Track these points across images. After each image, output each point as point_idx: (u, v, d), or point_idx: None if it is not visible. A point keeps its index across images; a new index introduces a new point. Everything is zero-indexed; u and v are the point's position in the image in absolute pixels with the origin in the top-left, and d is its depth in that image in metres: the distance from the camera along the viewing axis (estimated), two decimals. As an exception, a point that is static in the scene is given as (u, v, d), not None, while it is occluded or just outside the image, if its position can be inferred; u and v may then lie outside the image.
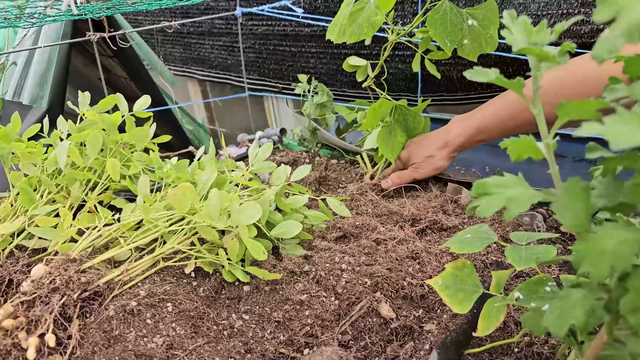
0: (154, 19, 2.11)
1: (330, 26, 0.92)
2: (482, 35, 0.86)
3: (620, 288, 0.33)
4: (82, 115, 0.86)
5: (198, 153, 0.90)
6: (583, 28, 1.05)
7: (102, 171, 0.82)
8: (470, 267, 0.52)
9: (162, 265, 0.68)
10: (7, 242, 0.71)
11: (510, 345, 0.58)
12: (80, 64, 1.68)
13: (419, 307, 0.66)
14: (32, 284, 0.57)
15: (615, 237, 0.30)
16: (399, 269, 0.70)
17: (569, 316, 0.35)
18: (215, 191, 0.65)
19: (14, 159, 0.81)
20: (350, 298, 0.65)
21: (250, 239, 0.66)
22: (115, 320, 0.57)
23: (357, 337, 0.61)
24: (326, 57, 1.61)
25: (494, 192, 0.37)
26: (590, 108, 0.32)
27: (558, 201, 0.34)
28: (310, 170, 0.98)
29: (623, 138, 0.26)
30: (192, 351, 0.57)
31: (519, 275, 0.70)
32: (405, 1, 1.31)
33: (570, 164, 1.22)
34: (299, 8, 1.42)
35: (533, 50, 0.34)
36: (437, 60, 0.98)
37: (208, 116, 2.49)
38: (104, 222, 0.72)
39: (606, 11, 0.28)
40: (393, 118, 1.01)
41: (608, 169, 0.35)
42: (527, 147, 0.36)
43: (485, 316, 0.49)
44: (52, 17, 1.15)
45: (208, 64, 2.11)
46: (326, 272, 0.69)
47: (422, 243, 0.78)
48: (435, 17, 0.84)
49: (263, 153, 0.84)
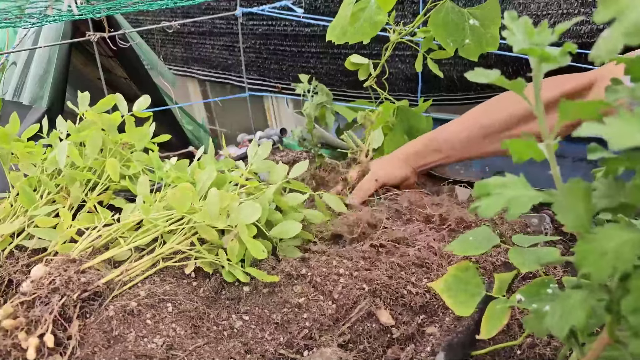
0: (155, 19, 2.11)
1: (331, 27, 0.92)
2: (483, 35, 0.86)
3: (622, 289, 0.33)
4: (82, 115, 0.85)
5: (198, 153, 0.89)
6: (583, 28, 1.05)
7: (101, 171, 0.82)
8: (473, 269, 0.52)
9: (162, 266, 0.67)
10: (7, 243, 0.71)
11: (513, 347, 0.57)
12: (80, 64, 1.68)
13: (420, 313, 0.65)
14: (32, 284, 0.57)
15: (617, 238, 0.30)
16: (399, 275, 0.69)
17: (570, 317, 0.35)
18: (215, 190, 0.65)
19: (14, 159, 0.80)
20: (348, 303, 0.64)
21: (250, 239, 0.66)
22: (115, 320, 0.57)
23: (356, 340, 0.61)
24: (326, 57, 1.61)
25: (495, 192, 0.37)
26: (591, 109, 0.32)
27: (559, 202, 0.34)
28: (309, 170, 0.97)
29: (623, 138, 0.26)
30: (192, 351, 0.57)
31: (526, 277, 0.70)
32: (405, 1, 1.31)
33: (571, 164, 1.22)
34: (299, 8, 1.41)
35: (535, 51, 0.34)
36: (437, 60, 0.98)
37: (208, 116, 2.49)
38: (104, 222, 0.72)
39: (607, 11, 0.28)
40: (396, 118, 1.02)
41: (609, 169, 0.35)
42: (528, 148, 0.35)
43: (489, 318, 0.49)
44: (53, 17, 1.15)
45: (208, 63, 2.11)
46: (322, 278, 0.68)
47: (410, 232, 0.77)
48: (437, 17, 0.84)
49: (262, 152, 0.83)
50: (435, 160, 0.97)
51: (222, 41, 1.97)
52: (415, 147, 0.99)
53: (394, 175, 0.97)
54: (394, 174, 0.97)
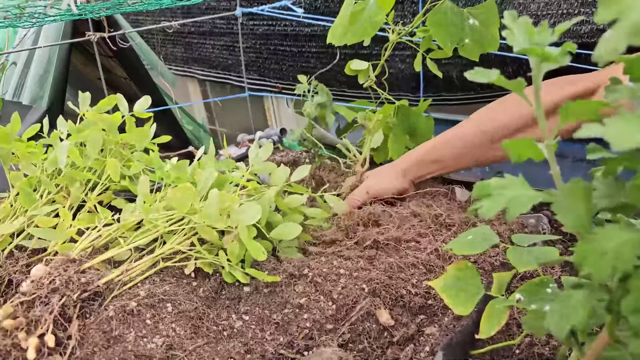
0: (155, 18, 2.11)
1: (331, 30, 0.92)
2: (484, 35, 0.86)
3: (622, 289, 0.33)
4: (82, 116, 0.85)
5: (198, 153, 0.89)
6: (583, 28, 1.05)
7: (102, 171, 0.82)
8: (472, 268, 0.52)
9: (162, 266, 0.67)
10: (7, 242, 0.71)
11: (512, 347, 0.58)
12: (80, 64, 1.68)
13: (419, 314, 0.65)
14: (32, 284, 0.57)
15: (617, 238, 0.30)
16: (399, 276, 0.69)
17: (570, 317, 0.35)
18: (215, 191, 0.65)
19: (14, 159, 0.80)
20: (348, 304, 0.64)
21: (250, 240, 0.66)
22: (115, 320, 0.57)
23: (356, 340, 0.61)
24: (326, 57, 1.61)
25: (495, 193, 0.37)
26: (591, 109, 0.32)
27: (559, 202, 0.34)
28: (310, 171, 0.97)
29: (623, 139, 0.26)
30: (192, 351, 0.57)
31: (524, 277, 0.70)
32: (404, 1, 1.31)
33: (570, 164, 1.22)
34: (299, 8, 1.41)
35: (535, 51, 0.34)
36: (437, 60, 0.98)
37: (208, 116, 2.49)
38: (104, 222, 0.72)
39: (607, 12, 0.28)
40: (396, 118, 1.02)
41: (609, 169, 0.35)
42: (528, 148, 0.35)
43: (488, 318, 0.49)
44: (52, 17, 1.15)
45: (208, 63, 2.11)
46: (323, 278, 0.68)
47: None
48: (437, 17, 0.84)
49: (263, 153, 0.83)
50: (434, 170, 0.96)
51: (222, 41, 1.97)
52: (417, 157, 0.96)
53: (389, 188, 0.95)
54: (389, 187, 0.95)
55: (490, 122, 0.88)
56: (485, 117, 0.90)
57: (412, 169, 0.96)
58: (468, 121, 0.92)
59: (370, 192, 0.94)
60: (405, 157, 0.99)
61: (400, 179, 0.96)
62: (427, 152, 0.95)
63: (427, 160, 0.95)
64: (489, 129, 0.87)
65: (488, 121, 0.88)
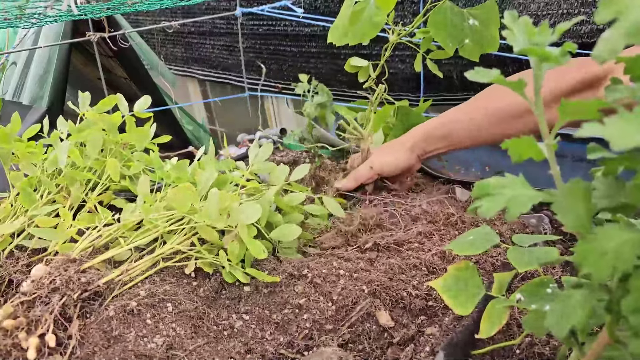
0: (155, 18, 2.11)
1: (331, 29, 0.92)
2: (484, 35, 0.86)
3: (622, 289, 0.33)
4: (82, 116, 0.85)
5: (198, 153, 0.90)
6: (583, 28, 1.05)
7: (102, 171, 0.82)
8: (473, 269, 0.52)
9: (162, 266, 0.67)
10: (7, 242, 0.71)
11: (512, 347, 0.58)
12: (80, 64, 1.68)
13: (420, 315, 0.65)
14: (32, 284, 0.57)
15: (617, 238, 0.30)
16: (399, 277, 0.69)
17: (570, 317, 0.35)
18: (215, 191, 0.65)
19: (14, 159, 0.80)
20: (347, 304, 0.64)
21: (250, 239, 0.66)
22: (115, 320, 0.57)
23: (356, 340, 0.61)
24: (326, 57, 1.61)
25: (495, 192, 0.37)
26: (591, 109, 0.32)
27: (559, 202, 0.34)
28: (310, 171, 0.97)
29: (624, 138, 0.26)
30: (192, 351, 0.57)
31: (525, 277, 0.70)
32: (405, 1, 1.31)
33: (570, 163, 1.22)
34: (299, 8, 1.42)
35: (535, 51, 0.34)
36: (437, 60, 0.98)
37: (208, 116, 2.49)
38: (104, 222, 0.72)
39: (607, 12, 0.28)
40: (396, 118, 1.02)
41: (609, 169, 0.35)
42: (528, 148, 0.35)
43: (488, 318, 0.49)
44: (52, 17, 1.15)
45: (209, 63, 2.11)
46: (322, 279, 0.68)
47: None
48: (437, 17, 0.84)
49: (263, 153, 0.84)
50: (442, 147, 0.92)
51: (222, 41, 1.97)
52: (425, 132, 0.93)
53: (395, 165, 0.92)
54: (394, 164, 0.92)
55: (498, 100, 0.86)
56: (494, 95, 0.88)
57: (420, 144, 0.93)
58: (476, 99, 0.90)
59: (375, 167, 0.92)
60: (413, 132, 0.95)
61: (408, 154, 0.93)
62: (436, 128, 0.92)
63: (436, 135, 0.92)
64: (501, 105, 0.85)
65: (497, 100, 0.87)
